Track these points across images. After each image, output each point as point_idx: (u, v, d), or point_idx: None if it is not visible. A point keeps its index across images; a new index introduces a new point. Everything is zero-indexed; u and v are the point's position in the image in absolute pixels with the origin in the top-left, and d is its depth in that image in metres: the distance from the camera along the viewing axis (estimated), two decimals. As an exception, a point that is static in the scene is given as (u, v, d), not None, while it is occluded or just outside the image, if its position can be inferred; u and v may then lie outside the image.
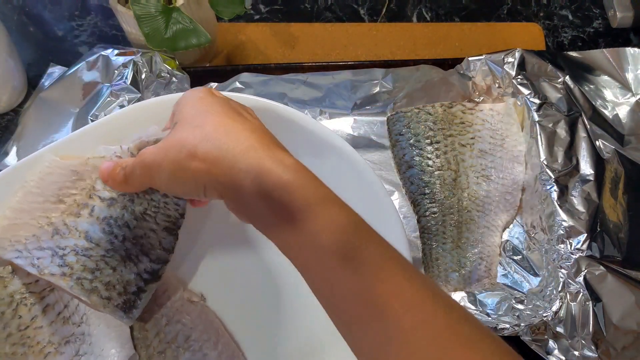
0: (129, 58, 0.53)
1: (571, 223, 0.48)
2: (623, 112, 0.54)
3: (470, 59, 0.56)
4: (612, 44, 0.66)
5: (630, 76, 0.55)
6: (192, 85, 0.56)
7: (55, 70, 0.59)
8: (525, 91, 0.53)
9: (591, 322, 0.44)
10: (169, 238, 0.40)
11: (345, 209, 0.31)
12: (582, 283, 0.46)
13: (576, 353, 0.44)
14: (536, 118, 0.52)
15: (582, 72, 0.55)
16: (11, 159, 0.53)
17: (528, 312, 0.48)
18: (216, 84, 0.56)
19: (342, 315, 0.30)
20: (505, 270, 0.52)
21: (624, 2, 0.63)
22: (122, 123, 0.43)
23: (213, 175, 0.32)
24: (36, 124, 0.55)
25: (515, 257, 0.52)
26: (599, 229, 0.48)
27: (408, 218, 0.54)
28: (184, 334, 0.41)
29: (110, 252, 0.37)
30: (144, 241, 0.38)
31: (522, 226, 0.53)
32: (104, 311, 0.36)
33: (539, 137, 0.51)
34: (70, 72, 0.55)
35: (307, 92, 0.57)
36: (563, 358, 0.45)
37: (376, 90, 0.57)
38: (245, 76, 0.57)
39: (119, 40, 0.65)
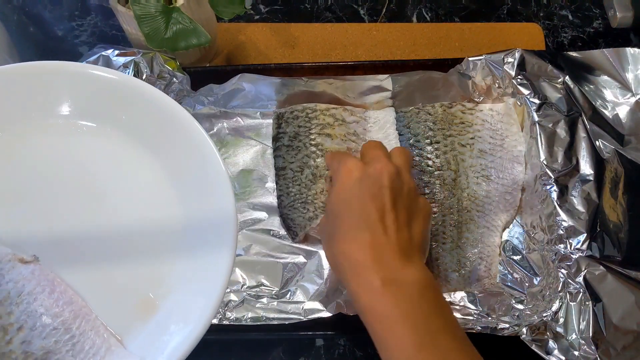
0: (129, 58, 0.53)
1: (571, 223, 0.48)
2: (623, 112, 0.54)
3: (470, 59, 0.56)
4: (612, 44, 0.66)
5: (630, 76, 0.55)
6: (192, 85, 0.56)
7: (55, 70, 0.58)
8: (525, 91, 0.53)
9: (591, 322, 0.44)
10: None
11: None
12: (582, 283, 0.46)
13: (576, 353, 0.44)
14: (536, 118, 0.52)
15: (582, 72, 0.55)
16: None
17: (528, 312, 0.48)
18: (217, 85, 0.57)
19: None
20: (505, 270, 0.52)
21: (624, 2, 0.63)
22: None
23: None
24: (36, 124, 0.55)
25: (515, 257, 0.52)
26: (599, 229, 0.48)
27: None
28: (17, 290, 0.42)
29: None
30: None
31: (522, 226, 0.53)
32: None
33: (538, 137, 0.51)
34: (70, 72, 0.55)
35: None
36: (563, 358, 0.45)
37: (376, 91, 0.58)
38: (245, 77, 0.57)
39: (119, 40, 0.65)
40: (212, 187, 0.45)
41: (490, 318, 0.49)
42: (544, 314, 0.47)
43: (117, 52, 0.54)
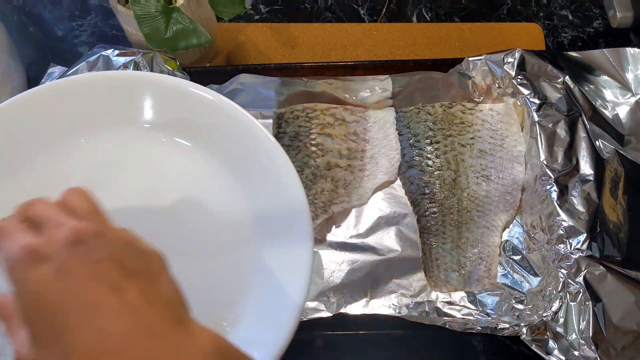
0: (129, 58, 0.53)
1: (571, 223, 0.48)
2: (623, 112, 0.54)
3: (470, 59, 0.56)
4: (612, 44, 0.66)
5: (630, 76, 0.55)
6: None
7: (55, 70, 0.58)
8: (525, 91, 0.53)
9: (591, 322, 0.44)
10: None
11: None
12: (582, 283, 0.46)
13: (576, 353, 0.44)
14: (536, 118, 0.52)
15: (582, 72, 0.55)
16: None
17: (528, 312, 0.48)
18: (217, 85, 0.57)
19: None
20: (505, 270, 0.52)
21: (624, 2, 0.63)
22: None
23: None
24: (36, 124, 0.55)
25: (515, 257, 0.52)
26: (599, 229, 0.48)
27: (408, 218, 0.54)
28: None
29: None
30: None
31: (522, 226, 0.53)
32: None
33: (538, 137, 0.51)
34: (70, 72, 0.55)
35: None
36: (563, 358, 0.45)
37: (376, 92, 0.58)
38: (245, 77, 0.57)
39: (119, 40, 0.65)
40: (290, 215, 0.44)
41: (490, 318, 0.49)
42: (544, 314, 0.47)
43: (117, 52, 0.54)
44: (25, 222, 0.29)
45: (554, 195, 0.49)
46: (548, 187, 0.50)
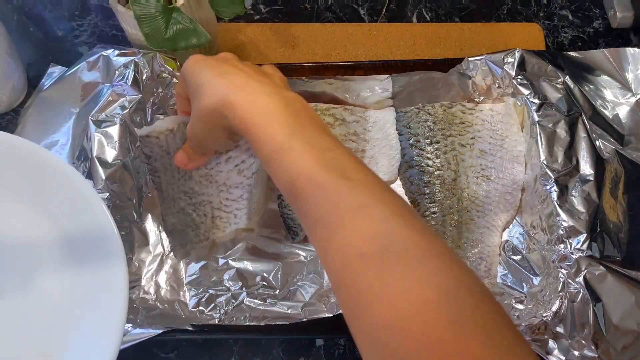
0: (129, 58, 0.53)
1: (571, 223, 0.48)
2: (623, 112, 0.54)
3: (470, 59, 0.56)
4: (612, 44, 0.66)
5: (630, 76, 0.55)
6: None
7: (55, 70, 0.59)
8: (525, 91, 0.53)
9: (591, 322, 0.44)
10: None
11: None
12: (582, 283, 0.46)
13: (576, 353, 0.44)
14: (536, 118, 0.52)
15: (582, 72, 0.55)
16: (11, 159, 0.53)
17: (528, 312, 0.48)
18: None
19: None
20: (505, 270, 0.52)
21: (624, 2, 0.63)
22: None
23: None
24: (36, 124, 0.55)
25: (515, 257, 0.52)
26: (599, 229, 0.48)
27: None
28: None
29: None
30: None
31: (522, 226, 0.53)
32: None
33: (538, 137, 0.51)
34: (70, 72, 0.55)
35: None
36: (563, 358, 0.45)
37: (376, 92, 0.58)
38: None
39: (119, 40, 0.65)
40: (98, 235, 0.43)
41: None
42: (544, 314, 0.47)
43: (117, 52, 0.54)
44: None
45: (554, 195, 0.49)
46: (548, 187, 0.50)
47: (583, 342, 0.44)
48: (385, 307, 0.29)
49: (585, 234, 0.47)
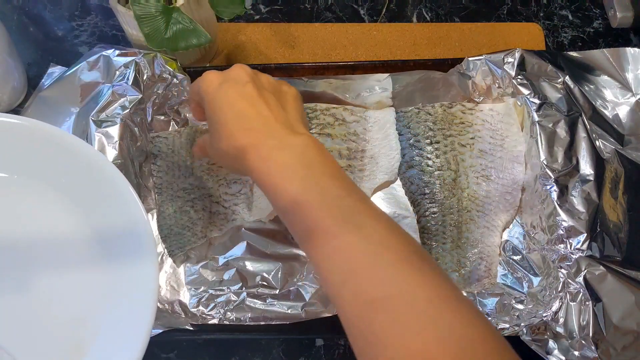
0: (130, 58, 0.53)
1: (571, 223, 0.48)
2: (623, 112, 0.54)
3: (470, 59, 0.56)
4: (612, 44, 0.66)
5: (630, 76, 0.55)
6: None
7: (55, 70, 0.59)
8: (525, 91, 0.53)
9: (591, 322, 0.44)
10: None
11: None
12: (582, 283, 0.46)
13: (576, 353, 0.44)
14: (536, 118, 0.52)
15: (582, 72, 0.55)
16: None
17: (528, 312, 0.48)
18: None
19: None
20: (505, 270, 0.52)
21: (624, 2, 0.63)
22: None
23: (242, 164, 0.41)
24: (36, 124, 0.55)
25: (515, 257, 0.52)
26: (599, 229, 0.48)
27: (408, 218, 0.54)
28: None
29: None
30: None
31: (522, 226, 0.53)
32: None
33: (538, 137, 0.51)
34: (70, 72, 0.55)
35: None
36: (563, 358, 0.45)
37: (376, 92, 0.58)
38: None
39: (119, 40, 0.65)
40: (119, 207, 0.44)
41: (490, 318, 0.49)
42: (544, 314, 0.47)
43: (117, 52, 0.54)
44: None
45: (554, 195, 0.49)
46: (548, 187, 0.50)
47: (583, 342, 0.44)
48: (397, 347, 0.32)
49: (585, 234, 0.47)
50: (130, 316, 0.42)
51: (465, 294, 0.51)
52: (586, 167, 0.50)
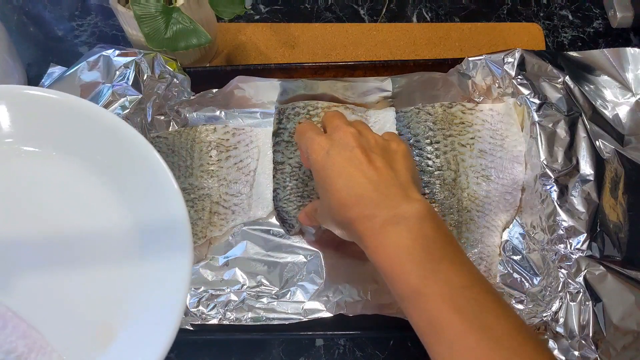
0: (130, 59, 0.53)
1: (571, 223, 0.48)
2: (623, 112, 0.54)
3: (470, 59, 0.56)
4: (612, 44, 0.66)
5: (630, 76, 0.55)
6: (192, 85, 0.56)
7: (55, 70, 0.58)
8: (525, 91, 0.53)
9: (591, 322, 0.44)
10: None
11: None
12: (582, 283, 0.46)
13: (576, 353, 0.44)
14: (536, 118, 0.52)
15: (582, 72, 0.55)
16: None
17: (528, 312, 0.48)
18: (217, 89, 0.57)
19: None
20: (505, 270, 0.52)
21: (624, 2, 0.63)
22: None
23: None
24: (36, 124, 0.55)
25: (515, 257, 0.52)
26: (599, 229, 0.48)
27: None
28: None
29: None
30: None
31: (522, 226, 0.53)
32: None
33: (538, 137, 0.51)
34: (70, 72, 0.55)
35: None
36: (563, 358, 0.45)
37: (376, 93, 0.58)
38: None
39: (119, 40, 0.65)
40: (160, 195, 0.44)
41: (490, 318, 0.49)
42: (544, 314, 0.47)
43: (117, 52, 0.54)
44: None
45: (554, 195, 0.49)
46: (548, 187, 0.50)
47: (583, 342, 0.44)
48: None
49: (585, 234, 0.47)
50: (161, 304, 0.42)
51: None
52: (586, 167, 0.50)
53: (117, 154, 0.45)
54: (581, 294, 0.46)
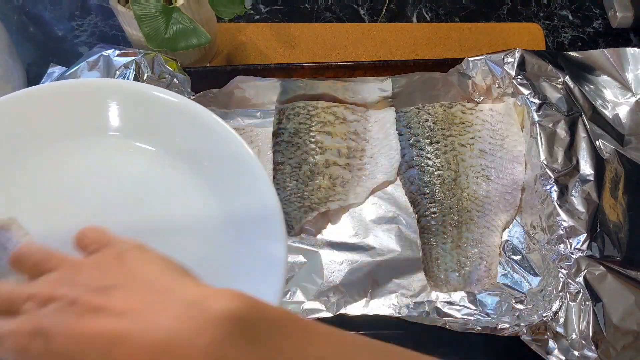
0: (130, 59, 0.53)
1: (571, 223, 0.48)
2: (623, 112, 0.54)
3: (470, 59, 0.56)
4: (612, 44, 0.66)
5: (630, 76, 0.55)
6: (192, 86, 0.56)
7: (55, 70, 0.58)
8: (525, 91, 0.53)
9: (591, 322, 0.44)
10: None
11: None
12: (582, 283, 0.46)
13: (576, 353, 0.44)
14: (536, 118, 0.52)
15: (582, 72, 0.55)
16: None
17: (528, 312, 0.48)
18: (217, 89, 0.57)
19: None
20: (505, 270, 0.52)
21: (624, 2, 0.63)
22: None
23: None
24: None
25: (515, 257, 0.52)
26: (599, 229, 0.48)
27: (408, 218, 0.54)
28: None
29: None
30: None
31: (522, 226, 0.53)
32: None
33: (538, 137, 0.51)
34: (70, 72, 0.55)
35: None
36: (563, 358, 0.45)
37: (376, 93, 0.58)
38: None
39: (119, 40, 0.65)
40: (263, 215, 0.44)
41: (490, 318, 0.49)
42: (544, 314, 0.47)
43: (117, 52, 0.54)
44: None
45: (554, 195, 0.49)
46: (548, 187, 0.50)
47: (583, 342, 0.44)
48: None
49: (585, 234, 0.47)
50: (257, 292, 0.42)
51: (464, 293, 0.51)
52: (586, 167, 0.50)
53: (212, 149, 0.45)
54: (581, 294, 0.46)
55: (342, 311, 0.49)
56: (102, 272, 0.29)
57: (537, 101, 0.53)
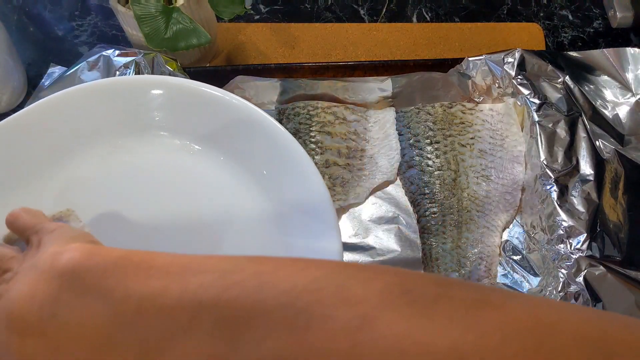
0: (130, 59, 0.53)
1: (571, 223, 0.48)
2: (623, 112, 0.54)
3: (470, 59, 0.56)
4: (612, 44, 0.66)
5: (630, 76, 0.55)
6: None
7: (55, 70, 0.58)
8: (525, 91, 0.53)
9: (591, 322, 0.44)
10: None
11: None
12: (582, 283, 0.46)
13: (576, 353, 0.44)
14: (536, 118, 0.52)
15: (582, 72, 0.55)
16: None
17: (528, 312, 0.48)
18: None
19: None
20: (505, 270, 0.52)
21: (624, 2, 0.63)
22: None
23: None
24: (36, 124, 0.55)
25: (515, 257, 0.52)
26: (599, 229, 0.48)
27: (408, 218, 0.54)
28: None
29: None
30: None
31: (522, 226, 0.53)
32: None
33: (538, 137, 0.51)
34: (70, 72, 0.55)
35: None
36: (563, 358, 0.45)
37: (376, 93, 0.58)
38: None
39: (119, 40, 0.65)
40: (314, 208, 0.44)
41: (490, 318, 0.49)
42: (544, 314, 0.47)
43: (117, 52, 0.54)
44: None
45: (554, 195, 0.49)
46: (548, 187, 0.50)
47: (583, 342, 0.44)
48: None
49: (585, 234, 0.47)
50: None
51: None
52: (586, 167, 0.50)
53: (260, 144, 0.46)
54: (581, 294, 0.46)
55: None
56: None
57: (537, 101, 0.53)
